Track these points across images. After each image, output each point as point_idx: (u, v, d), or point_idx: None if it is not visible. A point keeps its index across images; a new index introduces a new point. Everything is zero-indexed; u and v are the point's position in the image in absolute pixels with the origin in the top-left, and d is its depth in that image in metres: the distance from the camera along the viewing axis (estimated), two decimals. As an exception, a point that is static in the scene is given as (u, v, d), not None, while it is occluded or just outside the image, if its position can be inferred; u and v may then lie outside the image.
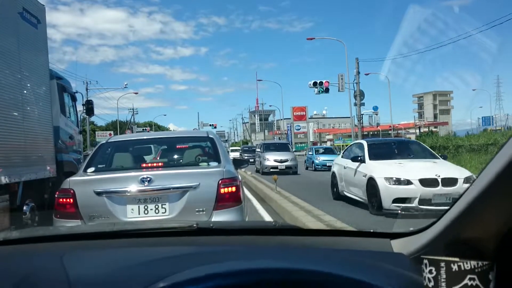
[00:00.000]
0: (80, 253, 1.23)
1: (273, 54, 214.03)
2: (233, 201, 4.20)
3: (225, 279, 0.89)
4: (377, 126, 54.92)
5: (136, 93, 66.22)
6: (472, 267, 0.85)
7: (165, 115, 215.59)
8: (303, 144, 69.38)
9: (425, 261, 0.90)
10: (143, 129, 59.57)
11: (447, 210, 1.03)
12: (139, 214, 4.05)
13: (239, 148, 55.06)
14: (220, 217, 4.05)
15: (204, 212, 4.08)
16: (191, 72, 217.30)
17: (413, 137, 51.82)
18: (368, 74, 37.57)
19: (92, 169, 4.62)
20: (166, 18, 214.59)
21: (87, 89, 39.93)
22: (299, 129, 69.78)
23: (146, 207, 4.06)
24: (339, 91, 33.00)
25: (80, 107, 11.39)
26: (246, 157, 36.14)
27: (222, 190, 4.14)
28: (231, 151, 48.50)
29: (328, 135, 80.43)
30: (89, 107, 11.36)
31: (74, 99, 9.86)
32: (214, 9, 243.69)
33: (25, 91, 6.93)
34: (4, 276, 1.02)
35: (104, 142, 5.38)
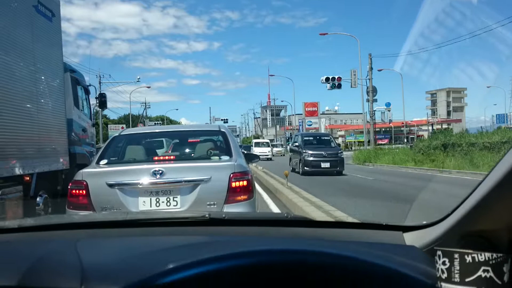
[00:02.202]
0: (94, 241, 1.24)
1: (286, 49, 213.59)
2: (244, 195, 4.21)
3: (236, 260, 0.89)
4: (390, 123, 54.60)
5: (148, 87, 66.74)
6: (486, 259, 0.84)
7: (177, 109, 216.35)
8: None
9: (439, 252, 0.89)
10: (155, 123, 59.85)
11: (461, 203, 1.02)
12: (150, 206, 4.07)
13: (264, 141, 45.09)
14: (231, 210, 4.06)
15: (215, 206, 4.10)
16: (204, 67, 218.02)
17: (425, 134, 51.30)
18: (381, 70, 37.41)
19: (104, 161, 4.66)
20: (179, 13, 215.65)
21: (100, 83, 40.25)
22: (310, 125, 69.54)
23: (157, 200, 4.09)
24: (351, 87, 32.90)
25: (93, 100, 11.48)
26: (312, 161, 17.73)
27: (233, 184, 4.15)
28: (255, 146, 42.04)
29: (339, 131, 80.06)
30: (102, 100, 11.43)
31: (87, 92, 9.93)
32: (228, 4, 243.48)
33: (39, 84, 6.99)
34: (19, 260, 1.04)
35: (117, 134, 5.42)
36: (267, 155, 38.80)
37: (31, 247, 1.17)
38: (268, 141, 42.94)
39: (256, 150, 36.27)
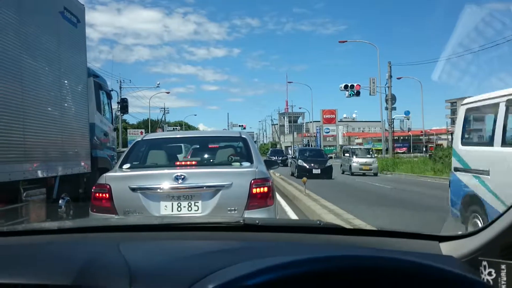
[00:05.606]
0: (134, 243, 1.26)
1: (305, 56, 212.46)
2: (264, 201, 4.21)
3: (278, 271, 0.89)
4: (408, 131, 53.98)
5: (168, 93, 67.31)
6: None
7: (195, 115, 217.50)
8: (332, 148, 68.58)
9: (484, 263, 0.88)
10: (173, 128, 60.30)
11: (502, 213, 1.01)
12: (172, 211, 4.09)
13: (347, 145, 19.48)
14: (252, 216, 4.05)
15: (236, 211, 4.10)
16: (223, 73, 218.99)
17: (445, 143, 50.53)
18: (400, 78, 36.90)
19: (127, 165, 4.70)
20: (200, 19, 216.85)
21: (120, 88, 40.72)
22: (328, 132, 69.29)
23: (179, 204, 4.10)
24: (370, 94, 32.70)
25: (114, 105, 11.63)
26: None
27: (254, 190, 4.15)
28: (356, 155, 21.69)
29: (357, 138, 79.42)
30: (124, 105, 11.58)
31: (109, 97, 10.05)
32: (248, 11, 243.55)
33: (63, 88, 7.12)
34: (67, 260, 1.05)
35: (139, 139, 5.48)
36: None
37: (75, 249, 1.19)
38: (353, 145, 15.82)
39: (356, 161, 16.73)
